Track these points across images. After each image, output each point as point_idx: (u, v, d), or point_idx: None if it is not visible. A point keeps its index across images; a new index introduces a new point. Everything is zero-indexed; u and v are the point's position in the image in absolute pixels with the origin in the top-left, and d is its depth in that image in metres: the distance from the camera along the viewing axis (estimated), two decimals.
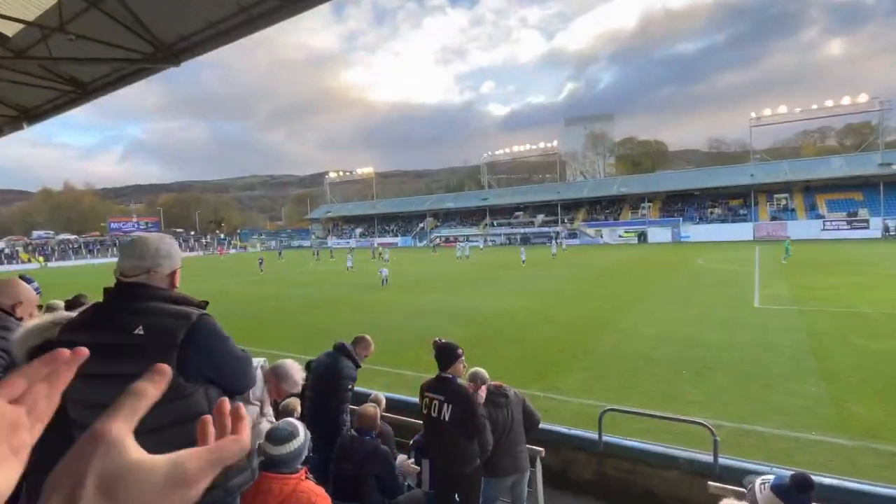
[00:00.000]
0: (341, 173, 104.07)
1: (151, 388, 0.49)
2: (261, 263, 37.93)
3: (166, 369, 0.51)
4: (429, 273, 31.73)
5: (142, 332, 1.43)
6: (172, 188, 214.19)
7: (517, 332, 13.04)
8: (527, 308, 16.69)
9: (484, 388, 3.84)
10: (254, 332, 14.84)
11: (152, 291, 1.58)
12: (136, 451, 0.45)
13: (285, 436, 2.41)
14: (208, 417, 0.52)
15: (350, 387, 3.99)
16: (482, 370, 4.18)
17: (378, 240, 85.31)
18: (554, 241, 51.23)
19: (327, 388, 4.00)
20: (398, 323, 15.20)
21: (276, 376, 2.87)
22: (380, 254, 50.34)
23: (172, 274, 1.68)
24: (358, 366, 4.28)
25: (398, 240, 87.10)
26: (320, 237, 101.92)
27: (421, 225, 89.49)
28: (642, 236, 64.13)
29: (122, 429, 0.45)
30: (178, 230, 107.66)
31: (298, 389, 3.01)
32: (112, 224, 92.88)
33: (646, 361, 9.94)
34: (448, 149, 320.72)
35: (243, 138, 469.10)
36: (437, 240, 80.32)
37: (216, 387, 1.48)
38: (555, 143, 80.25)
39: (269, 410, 2.79)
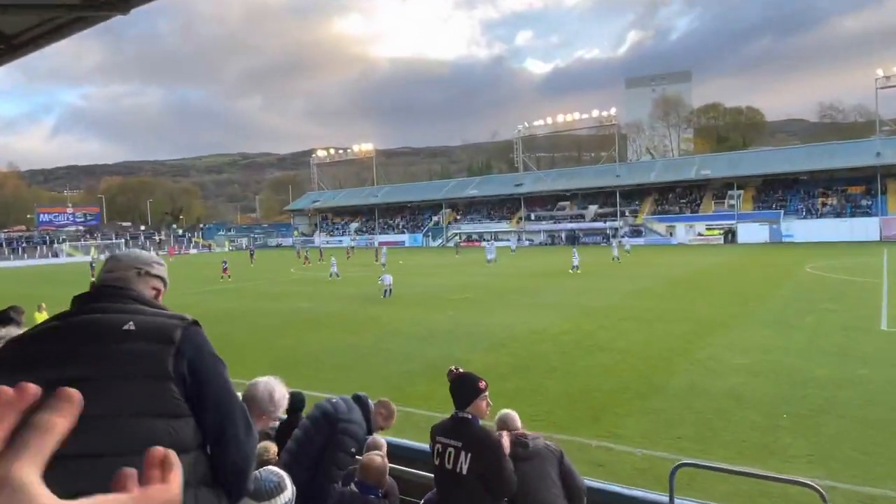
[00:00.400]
0: (332, 151, 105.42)
1: (59, 420, 0.50)
2: (224, 268, 38.54)
3: (75, 396, 0.52)
4: (444, 282, 31.89)
5: (132, 328, 1.52)
6: (118, 170, 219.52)
7: (562, 362, 13.06)
8: (575, 329, 16.68)
9: (507, 434, 3.82)
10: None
11: (138, 295, 1.72)
12: (45, 497, 0.47)
13: (271, 489, 2.41)
14: (131, 471, 0.54)
15: (353, 450, 3.92)
16: (513, 413, 4.17)
17: (379, 238, 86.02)
18: (614, 241, 50.76)
19: (320, 439, 3.95)
20: (404, 347, 15.31)
21: (251, 399, 2.89)
22: (383, 254, 50.60)
23: (159, 292, 1.81)
24: (370, 431, 4.25)
25: (405, 237, 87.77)
26: (305, 234, 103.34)
27: (435, 218, 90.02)
28: (729, 235, 63.48)
29: (27, 472, 0.47)
30: (125, 224, 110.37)
31: (280, 414, 3.02)
32: (41, 216, 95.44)
33: (734, 402, 9.88)
34: (471, 119, 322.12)
35: (208, 107, 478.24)
36: (457, 238, 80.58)
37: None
38: (613, 110, 79.67)
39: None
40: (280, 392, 2.97)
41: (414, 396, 10.91)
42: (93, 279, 41.90)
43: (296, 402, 6.17)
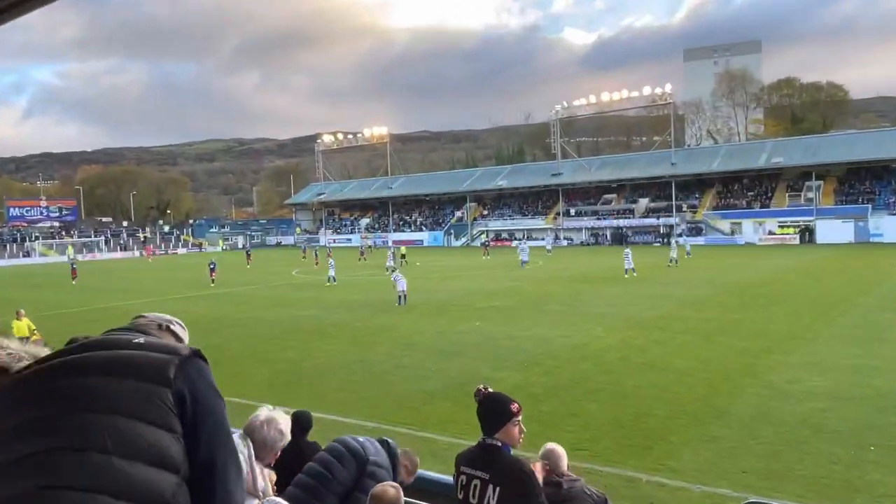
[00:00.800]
0: (340, 137, 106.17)
1: None
2: (212, 270, 39.06)
3: None
4: (469, 288, 31.94)
5: (142, 341, 1.70)
6: (98, 158, 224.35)
7: (607, 382, 13.04)
8: (622, 344, 16.65)
9: (539, 465, 3.81)
10: None
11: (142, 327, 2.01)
12: None
13: None
14: None
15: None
16: (559, 449, 4.13)
17: (394, 236, 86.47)
18: (674, 241, 49.89)
19: (346, 478, 4.02)
20: (422, 363, 15.39)
21: (255, 440, 3.06)
22: (402, 256, 50.99)
23: None
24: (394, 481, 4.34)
25: (424, 236, 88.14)
26: (308, 231, 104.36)
27: (458, 214, 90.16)
28: (807, 233, 62.55)
29: None
30: (105, 220, 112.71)
31: (284, 443, 3.16)
32: (11, 210, 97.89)
33: (810, 431, 9.77)
34: (501, 99, 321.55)
35: (199, 86, 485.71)
36: (484, 236, 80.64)
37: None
38: (668, 87, 78.88)
39: (268, 485, 3.01)
40: (285, 424, 3.19)
41: (433, 420, 10.94)
42: (74, 281, 42.38)
43: (303, 422, 6.26)
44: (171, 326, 2.06)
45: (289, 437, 3.22)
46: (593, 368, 14.16)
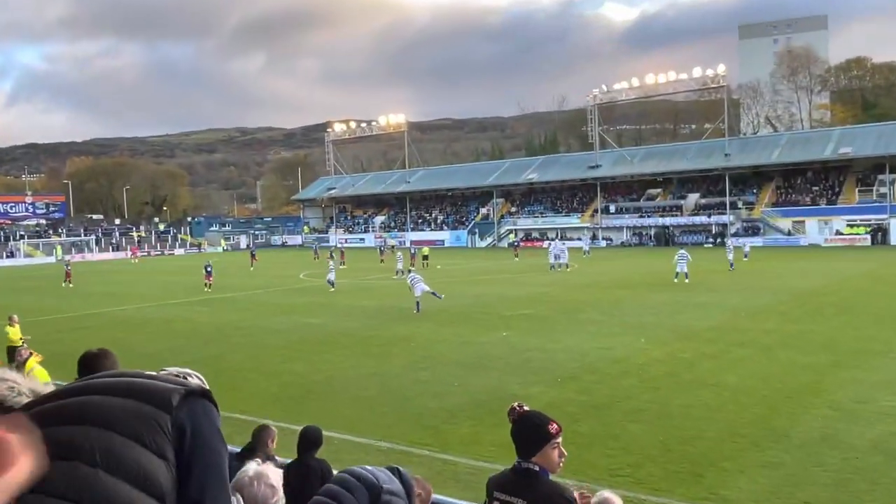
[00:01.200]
0: (353, 125, 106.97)
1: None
2: (207, 273, 39.38)
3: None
4: (496, 293, 31.96)
5: (153, 373, 1.83)
6: (88, 149, 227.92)
7: (651, 400, 12.99)
8: (669, 358, 16.56)
9: (579, 493, 3.81)
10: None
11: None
12: None
13: None
14: None
15: None
16: (615, 499, 4.12)
17: (412, 235, 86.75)
18: (730, 242, 49.08)
19: None
20: (443, 377, 15.43)
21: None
22: (424, 257, 51.37)
23: None
24: None
25: (445, 235, 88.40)
26: (317, 229, 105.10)
27: (483, 211, 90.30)
28: (879, 234, 61.72)
29: None
30: (95, 217, 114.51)
31: (277, 499, 3.29)
32: None
33: (883, 457, 9.66)
34: (531, 83, 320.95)
35: (198, 69, 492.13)
36: (512, 236, 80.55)
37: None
38: (721, 68, 78.20)
39: None
40: (276, 478, 3.32)
41: (455, 441, 10.95)
42: (67, 283, 43.03)
43: (312, 438, 6.35)
44: (189, 378, 2.14)
45: (281, 493, 3.32)
46: (636, 385, 14.09)
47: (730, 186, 72.50)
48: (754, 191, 73.27)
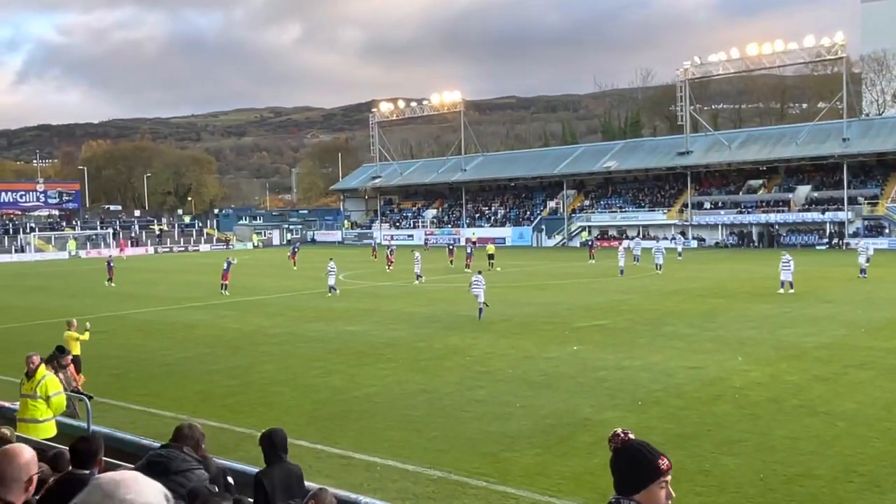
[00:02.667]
0: (401, 105, 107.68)
1: None
2: (227, 267, 39.81)
3: None
4: (566, 301, 31.83)
5: None
6: (105, 132, 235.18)
7: (750, 430, 12.78)
8: (772, 380, 16.31)
9: None
10: (224, 400, 15.78)
11: None
12: None
13: None
14: None
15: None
16: None
17: (469, 231, 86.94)
18: (861, 244, 47.62)
19: None
20: (503, 396, 15.40)
21: None
22: (490, 256, 51.37)
23: None
24: None
25: (507, 232, 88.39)
26: (359, 224, 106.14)
27: (551, 204, 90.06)
28: None
29: None
30: (113, 208, 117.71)
31: None
32: (2, 195, 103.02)
33: None
34: (609, 55, 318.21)
35: (227, 43, 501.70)
36: (585, 234, 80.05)
37: None
38: (839, 37, 76.15)
39: None
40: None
41: (516, 471, 10.91)
42: (109, 283, 44.30)
43: (284, 437, 6.71)
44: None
45: None
46: (732, 411, 13.89)
47: (848, 177, 70.82)
48: (878, 183, 71.40)
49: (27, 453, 3.40)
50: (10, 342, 23.44)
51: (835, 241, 66.20)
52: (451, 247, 61.81)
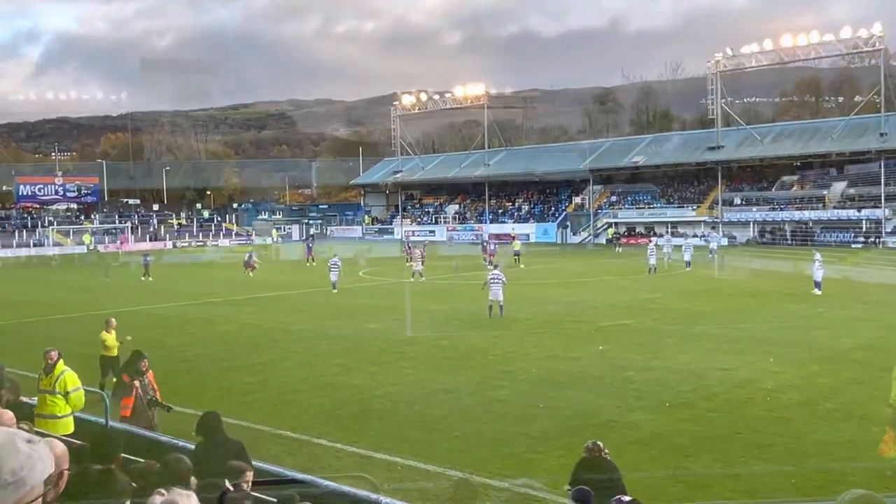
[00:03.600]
0: (423, 97, 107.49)
1: None
2: (249, 259, 39.82)
3: None
4: (591, 299, 31.89)
5: None
6: (125, 125, 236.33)
7: (782, 433, 12.71)
8: (805, 383, 16.24)
9: None
10: (235, 399, 15.86)
11: None
12: None
13: None
14: None
15: None
16: None
17: (490, 228, 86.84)
18: None
19: None
20: (526, 397, 15.44)
21: None
22: (516, 252, 51.42)
23: None
24: None
25: (531, 228, 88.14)
26: (379, 219, 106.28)
27: (577, 200, 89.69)
28: None
29: None
30: (132, 202, 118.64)
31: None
32: (21, 188, 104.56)
33: None
34: (637, 45, 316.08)
35: (247, 34, 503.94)
36: (612, 230, 79.75)
37: None
38: (877, 28, 75.31)
39: None
40: None
41: (540, 472, 10.94)
42: (146, 278, 44.80)
43: (216, 417, 6.91)
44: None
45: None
46: (762, 414, 13.82)
47: (885, 174, 69.97)
48: None
49: (58, 448, 3.42)
50: (28, 337, 23.72)
51: (871, 238, 65.44)
52: (484, 244, 61.77)
